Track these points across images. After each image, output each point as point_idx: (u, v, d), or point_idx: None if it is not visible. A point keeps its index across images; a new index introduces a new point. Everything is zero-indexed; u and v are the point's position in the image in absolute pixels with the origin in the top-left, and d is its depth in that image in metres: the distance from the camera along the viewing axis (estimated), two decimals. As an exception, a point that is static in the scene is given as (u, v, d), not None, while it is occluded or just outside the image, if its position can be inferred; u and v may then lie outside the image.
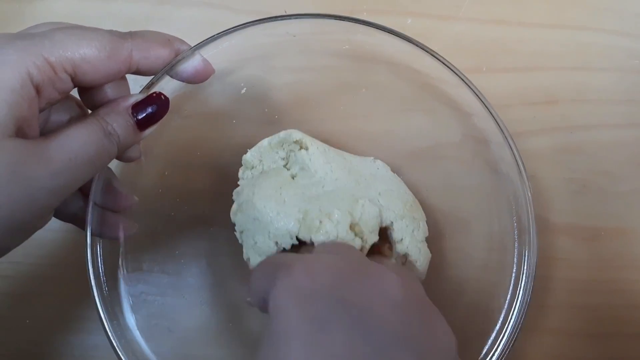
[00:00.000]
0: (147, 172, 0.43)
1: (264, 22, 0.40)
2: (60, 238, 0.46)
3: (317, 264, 0.31)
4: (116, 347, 0.37)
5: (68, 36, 0.31)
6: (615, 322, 0.45)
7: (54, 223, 0.44)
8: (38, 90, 0.30)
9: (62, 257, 0.46)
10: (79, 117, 0.34)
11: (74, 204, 0.37)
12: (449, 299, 0.43)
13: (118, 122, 0.33)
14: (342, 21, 0.41)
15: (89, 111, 0.34)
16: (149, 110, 0.34)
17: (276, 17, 0.40)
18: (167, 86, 0.37)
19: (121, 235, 0.39)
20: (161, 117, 0.35)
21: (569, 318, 0.45)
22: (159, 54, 0.34)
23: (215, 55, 0.39)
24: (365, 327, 0.26)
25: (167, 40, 0.35)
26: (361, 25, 0.41)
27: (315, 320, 0.26)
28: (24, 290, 0.46)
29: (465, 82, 0.41)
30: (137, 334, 0.40)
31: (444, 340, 0.29)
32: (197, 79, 0.37)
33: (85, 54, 0.31)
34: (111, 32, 0.33)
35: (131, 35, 0.33)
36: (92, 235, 0.37)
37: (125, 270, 0.41)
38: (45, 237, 0.45)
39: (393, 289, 0.29)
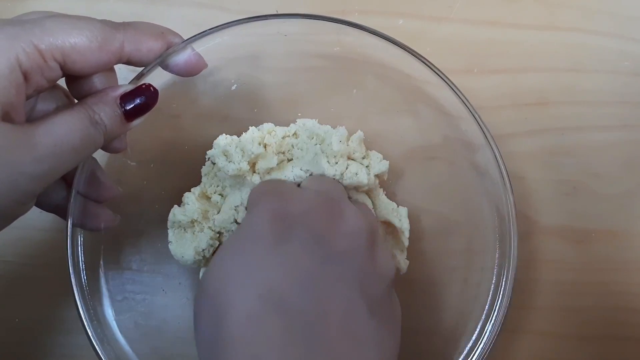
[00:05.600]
0: (132, 163, 0.43)
1: (256, 20, 0.40)
2: (50, 238, 0.46)
3: (297, 195, 0.36)
4: (94, 343, 0.37)
5: (59, 24, 0.31)
6: (605, 325, 0.45)
7: (44, 223, 0.45)
8: (26, 76, 0.30)
9: (53, 257, 0.45)
10: (66, 106, 0.34)
11: (57, 193, 0.37)
12: (431, 299, 0.43)
13: (105, 111, 0.33)
14: (331, 22, 0.41)
15: (76, 101, 0.34)
16: (137, 101, 0.34)
17: (267, 15, 0.40)
18: (157, 80, 0.37)
19: (103, 226, 0.39)
20: (149, 108, 0.35)
21: (558, 320, 0.45)
22: (150, 46, 0.34)
23: (206, 51, 0.39)
24: (320, 246, 0.33)
25: (160, 32, 0.35)
26: (350, 27, 0.41)
27: (281, 234, 0.33)
28: (14, 290, 0.45)
29: (449, 85, 0.41)
30: (118, 333, 0.40)
31: (385, 268, 0.35)
32: (188, 72, 0.37)
33: (75, 43, 0.31)
34: (104, 22, 0.33)
35: (124, 26, 0.33)
36: (73, 225, 0.37)
37: (107, 267, 0.41)
38: (36, 237, 0.45)
39: (354, 233, 0.34)
